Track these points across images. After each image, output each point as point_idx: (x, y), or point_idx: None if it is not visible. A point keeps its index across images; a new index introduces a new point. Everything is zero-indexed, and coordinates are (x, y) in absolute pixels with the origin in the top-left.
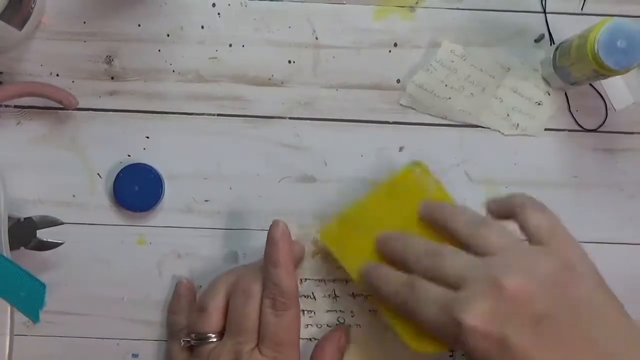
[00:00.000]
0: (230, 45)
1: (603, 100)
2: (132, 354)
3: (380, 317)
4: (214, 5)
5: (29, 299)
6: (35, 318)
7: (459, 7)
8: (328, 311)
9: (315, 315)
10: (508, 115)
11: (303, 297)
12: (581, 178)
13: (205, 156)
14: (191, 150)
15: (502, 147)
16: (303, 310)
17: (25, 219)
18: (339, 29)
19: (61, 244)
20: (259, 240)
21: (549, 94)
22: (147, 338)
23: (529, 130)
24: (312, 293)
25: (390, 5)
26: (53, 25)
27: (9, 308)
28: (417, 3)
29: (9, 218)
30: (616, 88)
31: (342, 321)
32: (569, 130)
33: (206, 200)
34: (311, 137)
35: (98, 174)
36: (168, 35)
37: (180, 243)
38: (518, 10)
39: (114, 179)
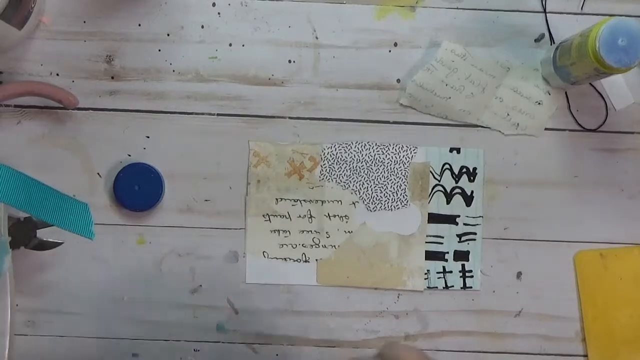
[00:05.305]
0: (230, 45)
1: (603, 99)
2: (132, 354)
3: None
4: (214, 4)
5: (78, 220)
6: (90, 235)
7: (459, 7)
8: (303, 231)
9: (290, 235)
10: (508, 115)
11: (278, 217)
12: (581, 178)
13: (205, 156)
14: (191, 150)
15: (502, 147)
16: (278, 230)
17: (25, 218)
18: (339, 28)
19: (61, 243)
20: None
21: (549, 94)
22: (147, 338)
23: (529, 130)
24: (288, 213)
25: (391, 5)
26: (53, 25)
27: (9, 309)
28: (417, 2)
29: (9, 218)
30: (616, 88)
31: (317, 242)
32: (570, 130)
33: (206, 200)
34: (311, 137)
35: (98, 173)
36: (168, 35)
37: (180, 243)
38: (518, 10)
39: (114, 179)
